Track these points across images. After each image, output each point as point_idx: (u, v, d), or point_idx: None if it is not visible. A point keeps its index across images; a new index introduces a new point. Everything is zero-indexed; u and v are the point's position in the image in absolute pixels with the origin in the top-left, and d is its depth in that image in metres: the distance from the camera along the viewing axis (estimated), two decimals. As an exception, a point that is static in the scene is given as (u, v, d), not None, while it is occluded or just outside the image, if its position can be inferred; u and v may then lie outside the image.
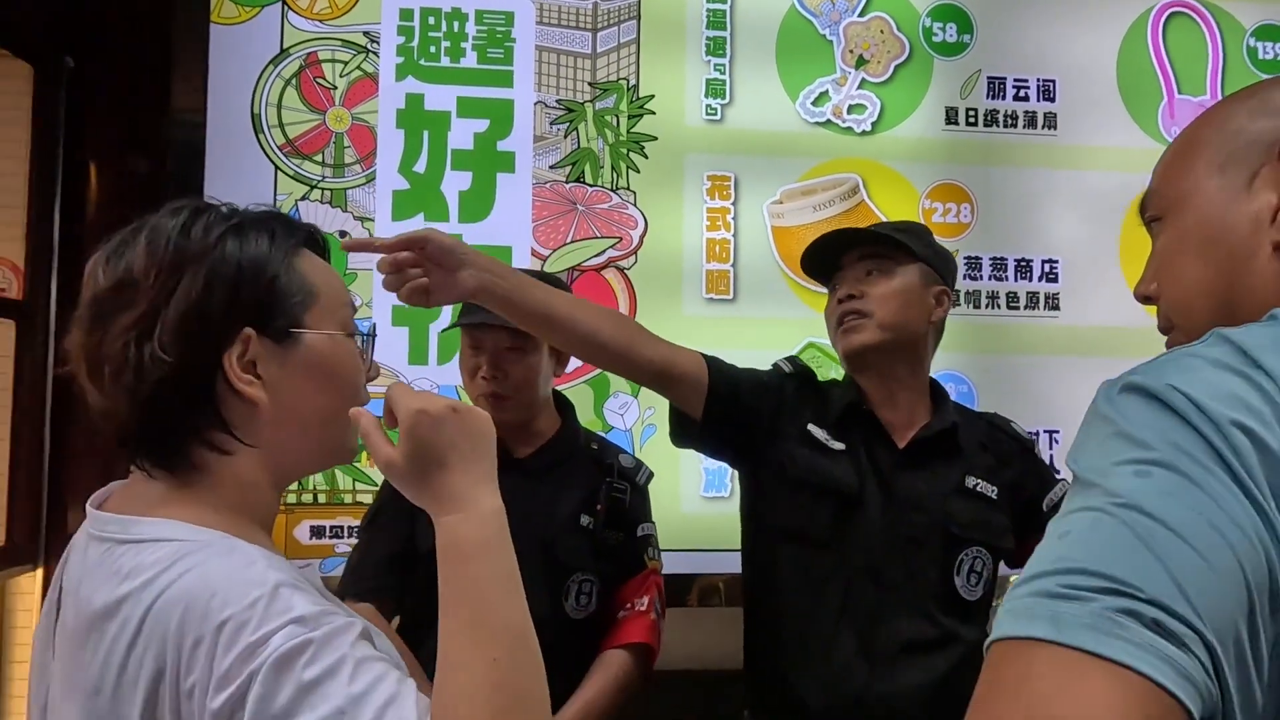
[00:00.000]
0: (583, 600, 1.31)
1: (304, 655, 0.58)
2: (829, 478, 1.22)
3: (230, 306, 0.69)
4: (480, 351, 1.32)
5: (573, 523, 1.33)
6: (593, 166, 2.31)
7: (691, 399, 1.22)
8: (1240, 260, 0.57)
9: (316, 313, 0.73)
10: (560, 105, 2.31)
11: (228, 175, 2.23)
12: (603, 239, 2.31)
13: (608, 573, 1.35)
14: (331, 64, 2.27)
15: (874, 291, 1.25)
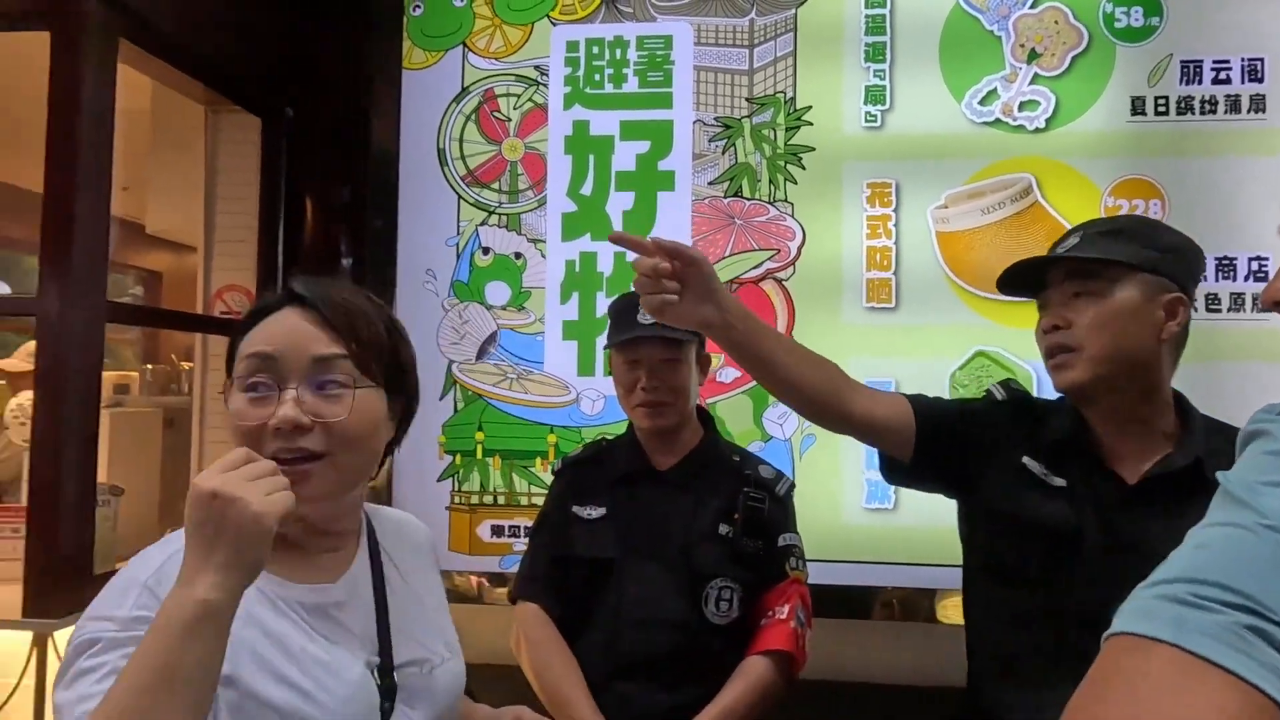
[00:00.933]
0: (723, 606, 1.34)
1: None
2: (1041, 516, 1.10)
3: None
4: (638, 365, 1.39)
5: (711, 531, 1.37)
6: (750, 180, 2.36)
7: (900, 446, 1.17)
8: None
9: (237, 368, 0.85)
10: (718, 122, 2.37)
11: (417, 205, 2.47)
12: (760, 251, 2.34)
13: (747, 580, 1.37)
14: (506, 98, 2.46)
15: (1082, 320, 1.09)
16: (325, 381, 0.83)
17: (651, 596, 1.33)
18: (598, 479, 1.44)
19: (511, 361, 2.41)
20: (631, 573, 1.34)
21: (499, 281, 2.43)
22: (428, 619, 0.95)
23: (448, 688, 0.91)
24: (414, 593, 0.96)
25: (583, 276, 2.40)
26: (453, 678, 0.93)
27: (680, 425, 1.43)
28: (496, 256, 2.44)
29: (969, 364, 2.25)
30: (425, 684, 0.88)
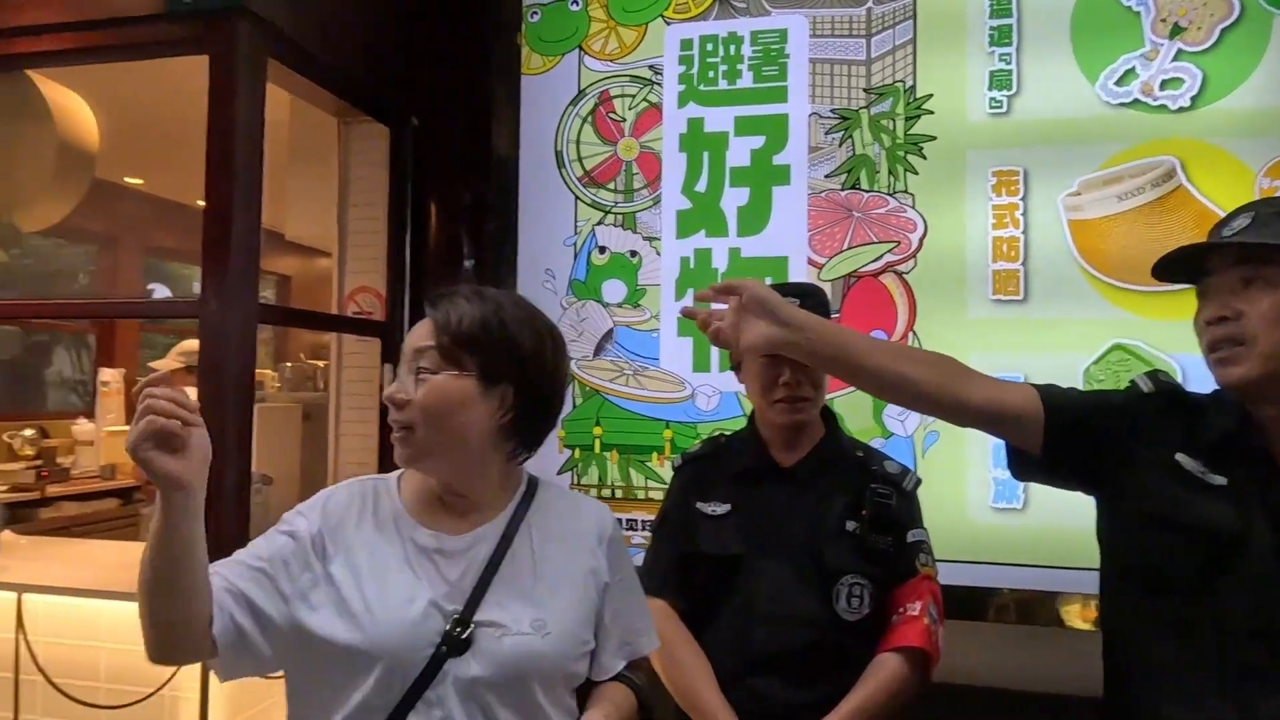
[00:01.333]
0: (854, 603, 1.33)
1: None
2: (1200, 517, 1.01)
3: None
4: (779, 362, 1.36)
5: (839, 527, 1.35)
6: (868, 172, 2.31)
7: (1028, 437, 1.09)
8: None
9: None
10: (835, 114, 2.34)
11: (536, 206, 2.54)
12: (880, 244, 2.30)
13: (878, 576, 1.35)
14: (621, 98, 2.50)
15: (1254, 310, 0.98)
16: (418, 368, 1.00)
17: (782, 592, 1.32)
18: (719, 475, 1.44)
19: (628, 358, 2.45)
20: (760, 569, 1.34)
21: (615, 279, 2.48)
22: (530, 593, 1.01)
23: (514, 658, 0.97)
24: (536, 567, 1.03)
25: (697, 273, 2.42)
26: (522, 652, 0.98)
27: (811, 422, 1.42)
28: (613, 255, 2.48)
29: (1105, 358, 2.15)
30: (493, 646, 0.97)
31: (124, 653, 2.08)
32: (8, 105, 2.27)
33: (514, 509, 1.06)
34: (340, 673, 0.96)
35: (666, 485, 2.44)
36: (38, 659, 2.10)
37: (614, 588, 1.10)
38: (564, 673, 1.03)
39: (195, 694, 2.03)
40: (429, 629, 0.96)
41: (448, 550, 1.01)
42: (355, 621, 0.96)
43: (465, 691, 0.96)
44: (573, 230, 2.52)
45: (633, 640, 1.12)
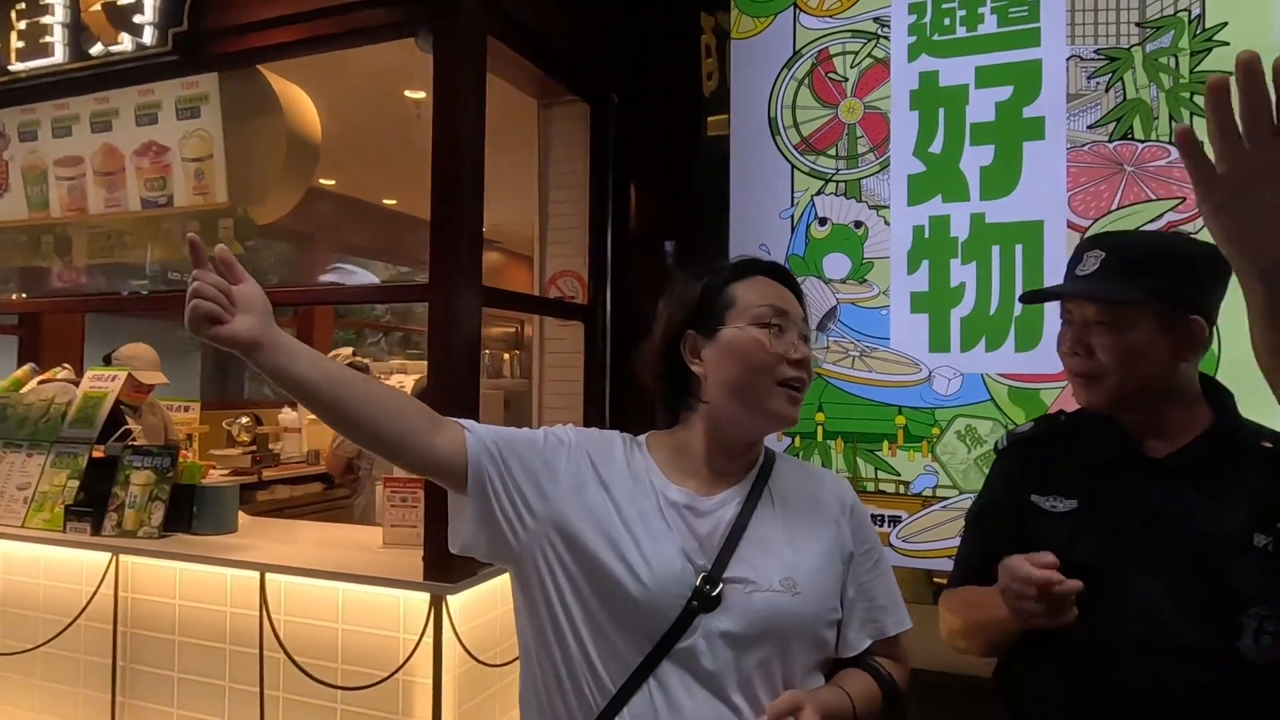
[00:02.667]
0: (1264, 640, 1.01)
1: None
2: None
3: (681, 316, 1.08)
4: (1069, 324, 1.14)
5: (1243, 541, 1.05)
6: (1144, 119, 2.01)
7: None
8: None
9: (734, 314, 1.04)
10: (1100, 55, 2.05)
11: (749, 178, 2.39)
12: (1159, 201, 1.99)
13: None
14: (842, 56, 2.30)
15: (1101, 349, 1.09)
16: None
17: (1160, 617, 1.04)
18: (1061, 461, 1.17)
19: (853, 338, 2.26)
20: (1127, 584, 1.06)
21: (838, 253, 2.29)
22: (776, 553, 1.01)
23: (764, 614, 0.97)
24: (781, 531, 1.04)
25: (933, 242, 2.19)
26: (773, 608, 0.98)
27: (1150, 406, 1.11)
28: (835, 227, 2.29)
29: None
30: (742, 600, 0.97)
31: (359, 635, 2.11)
32: (243, 101, 2.35)
33: (756, 475, 1.08)
34: (599, 604, 0.97)
35: (899, 477, 2.25)
36: (280, 637, 2.17)
37: (859, 559, 1.08)
38: (813, 635, 1.01)
39: (429, 679, 2.02)
40: (683, 581, 0.97)
41: (698, 508, 1.03)
42: (622, 555, 0.97)
43: (715, 645, 0.96)
44: (789, 202, 2.35)
45: (879, 618, 1.09)
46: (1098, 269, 1.11)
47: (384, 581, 2.03)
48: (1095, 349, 1.11)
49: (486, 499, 0.99)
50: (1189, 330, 1.08)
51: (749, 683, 0.96)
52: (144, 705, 2.37)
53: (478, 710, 2.15)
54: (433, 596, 2.01)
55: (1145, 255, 1.11)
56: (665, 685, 0.95)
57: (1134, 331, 1.09)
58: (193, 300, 0.89)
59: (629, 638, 0.96)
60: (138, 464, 2.48)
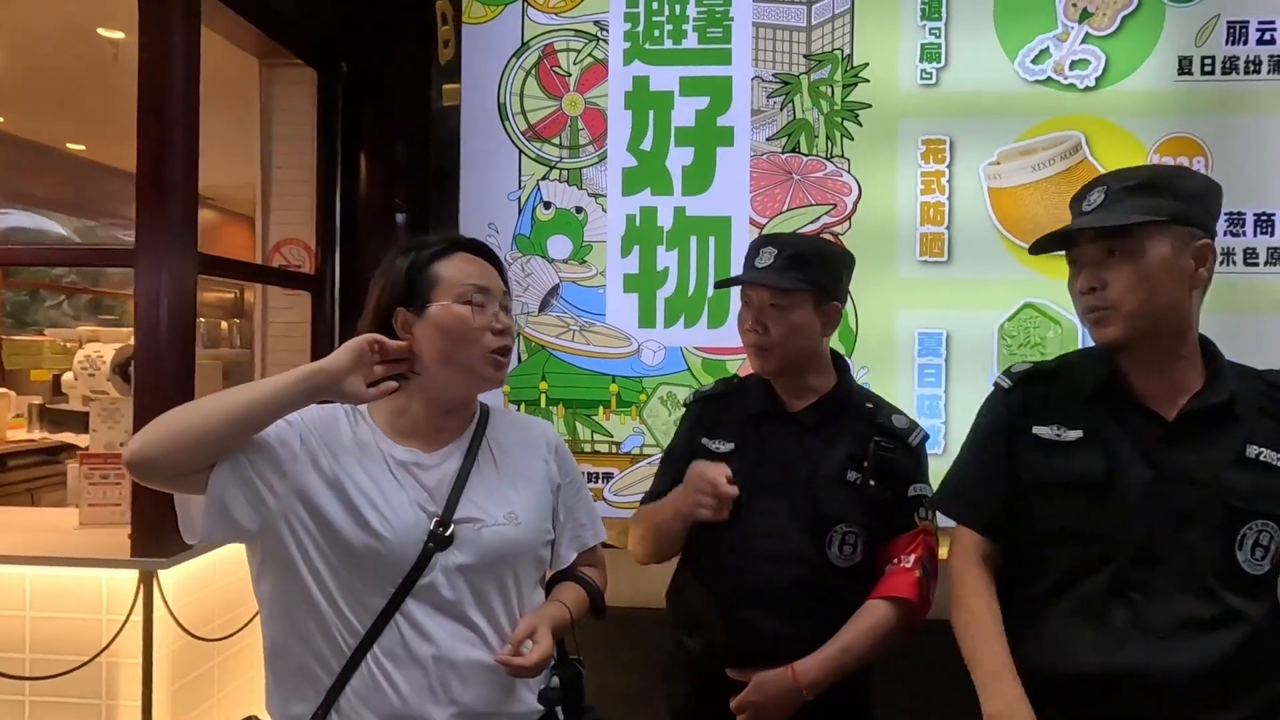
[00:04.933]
0: (846, 550, 1.39)
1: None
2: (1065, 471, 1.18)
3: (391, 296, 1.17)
4: (749, 306, 1.45)
5: (839, 476, 1.40)
6: (808, 136, 2.42)
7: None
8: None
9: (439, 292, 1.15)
10: (776, 79, 2.42)
11: (479, 159, 2.51)
12: (817, 206, 2.41)
13: (874, 526, 1.40)
14: (566, 53, 2.49)
15: (1117, 279, 1.13)
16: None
17: (778, 531, 1.39)
18: (728, 414, 1.49)
19: (574, 313, 2.48)
20: (760, 508, 1.39)
21: (561, 235, 2.49)
22: (498, 492, 1.18)
23: (493, 545, 1.14)
24: (499, 473, 1.21)
25: (643, 230, 2.46)
26: (500, 539, 1.15)
27: (799, 372, 1.45)
28: (558, 211, 2.49)
29: (1017, 315, 2.35)
30: (473, 537, 1.13)
31: (52, 621, 1.98)
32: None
33: (474, 429, 1.22)
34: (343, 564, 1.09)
35: (612, 438, 2.53)
36: (-50, 632, 1.97)
37: (565, 488, 1.29)
38: (534, 556, 1.21)
39: (137, 659, 1.95)
40: (418, 528, 1.11)
41: (424, 464, 1.16)
42: (361, 519, 1.09)
43: (453, 578, 1.11)
44: (517, 185, 2.50)
45: (581, 534, 1.31)
46: (772, 262, 1.42)
47: (85, 562, 1.93)
48: (769, 326, 1.41)
49: (226, 489, 1.04)
50: (831, 312, 1.45)
51: (486, 603, 1.13)
52: None
53: (193, 686, 2.11)
54: (142, 573, 1.94)
55: (806, 253, 1.45)
56: (411, 619, 1.09)
57: (798, 312, 1.42)
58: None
59: (374, 585, 1.09)
60: None
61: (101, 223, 6.21)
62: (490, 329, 1.16)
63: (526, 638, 1.12)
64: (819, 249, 1.52)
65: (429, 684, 1.08)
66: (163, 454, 1.00)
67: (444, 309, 1.15)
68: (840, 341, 2.34)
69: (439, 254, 1.19)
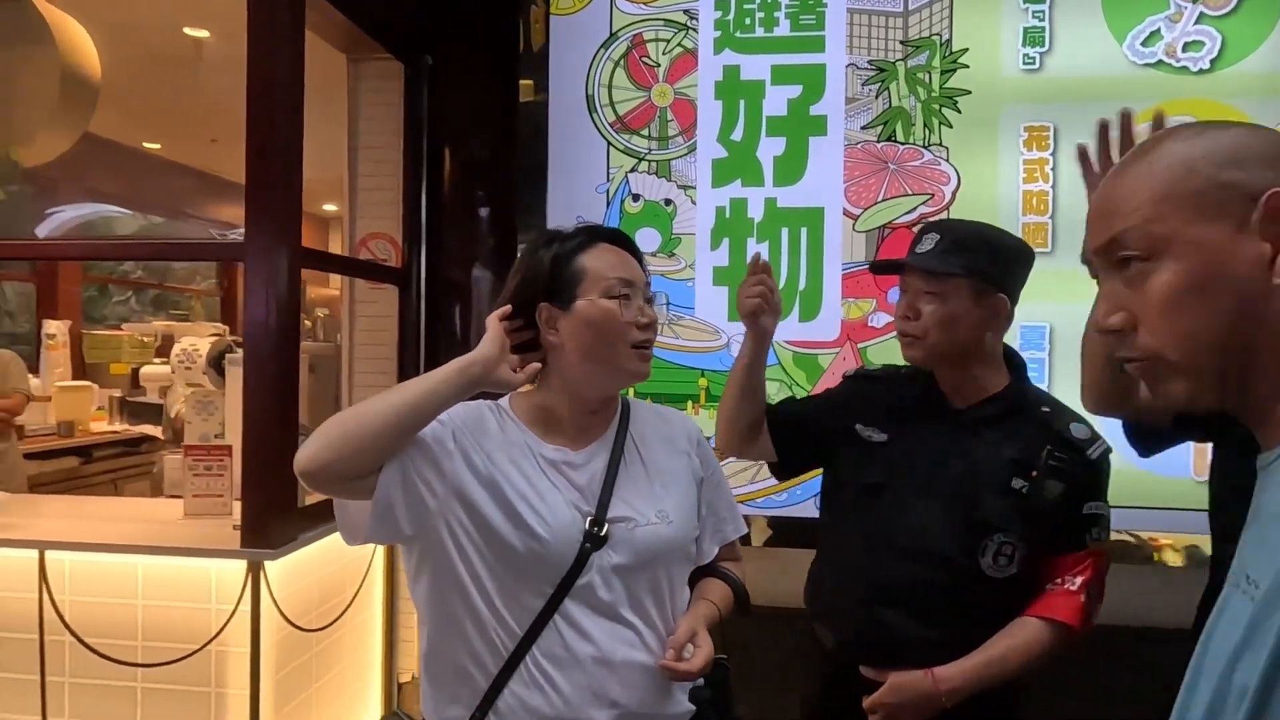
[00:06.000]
0: (1001, 561, 1.29)
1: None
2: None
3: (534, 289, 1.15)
4: (905, 293, 1.38)
5: (1003, 483, 1.31)
6: (904, 125, 2.36)
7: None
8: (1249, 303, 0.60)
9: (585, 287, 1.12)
10: (872, 66, 2.37)
11: (567, 153, 2.50)
12: (914, 196, 2.36)
13: (1035, 540, 1.30)
14: (655, 43, 2.46)
15: (926, 314, 1.33)
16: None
17: (925, 530, 1.31)
18: (885, 401, 1.42)
19: (662, 307, 2.46)
20: (905, 505, 1.33)
21: (649, 228, 2.47)
22: (648, 490, 1.17)
23: (647, 544, 1.13)
24: (646, 470, 1.19)
25: (733, 222, 2.43)
26: (654, 538, 1.14)
27: (945, 362, 1.36)
28: (647, 203, 2.47)
29: (1125, 308, 2.27)
30: (627, 537, 1.12)
31: (163, 610, 2.01)
32: (5, 29, 2.08)
33: (617, 424, 1.20)
34: (501, 565, 1.08)
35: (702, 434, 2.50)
36: (65, 617, 2.01)
37: (707, 482, 1.26)
38: (684, 553, 1.20)
39: (245, 648, 1.98)
40: (574, 528, 1.10)
41: (573, 462, 1.15)
42: (519, 519, 1.08)
43: (609, 578, 1.10)
44: (605, 177, 2.48)
45: (722, 528, 1.28)
46: (932, 248, 1.34)
47: (195, 552, 1.96)
48: (922, 312, 1.34)
49: (392, 491, 1.03)
50: (995, 304, 1.33)
51: (640, 602, 1.12)
52: (-116, 709, 2.09)
53: (293, 676, 2.13)
54: (250, 564, 1.96)
55: (967, 240, 1.35)
56: (570, 619, 1.07)
57: (952, 301, 1.33)
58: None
59: (532, 585, 1.08)
60: None
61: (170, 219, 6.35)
62: (636, 323, 1.13)
63: (687, 641, 1.10)
64: (985, 237, 1.39)
65: (589, 685, 1.07)
66: (335, 460, 0.99)
67: (591, 304, 1.11)
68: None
69: (582, 246, 1.15)
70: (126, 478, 4.21)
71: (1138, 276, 0.64)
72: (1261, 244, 0.60)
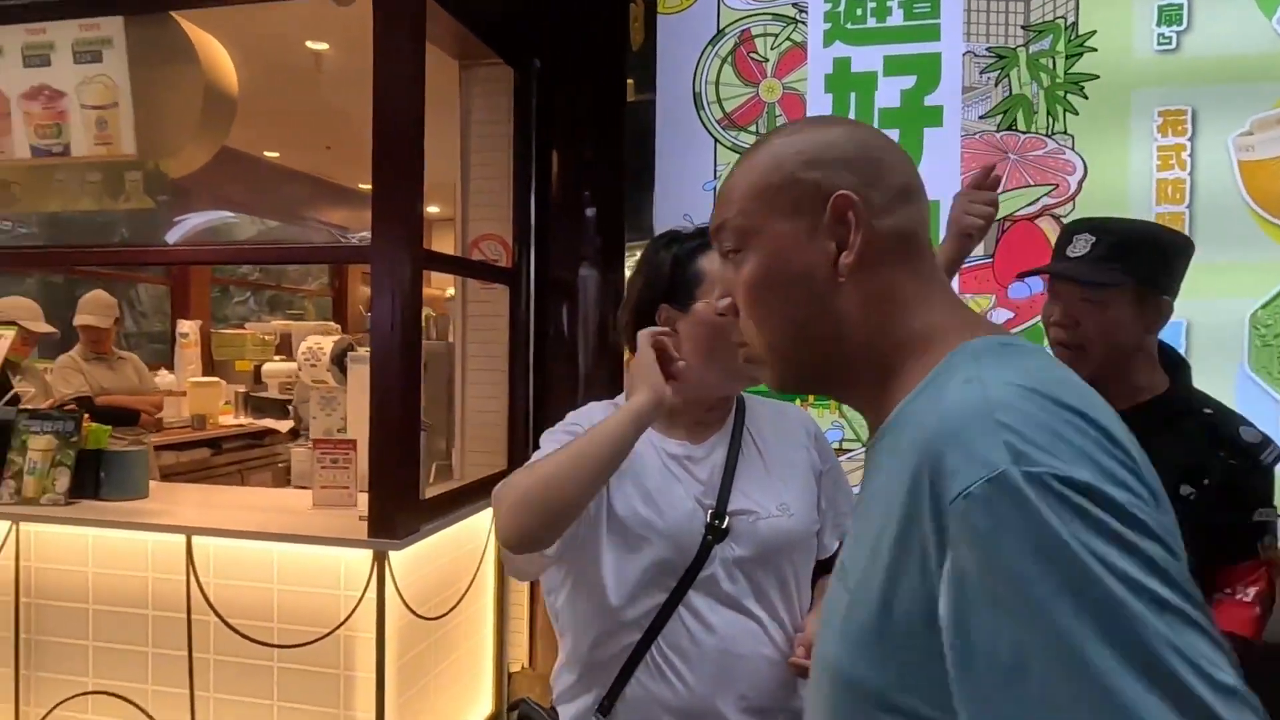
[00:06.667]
0: None
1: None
2: None
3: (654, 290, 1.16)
4: (1056, 299, 1.30)
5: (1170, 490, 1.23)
6: (1026, 113, 2.27)
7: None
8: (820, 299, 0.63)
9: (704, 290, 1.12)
10: (991, 53, 2.28)
11: (674, 152, 2.50)
12: (1037, 187, 2.26)
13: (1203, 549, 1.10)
14: (763, 38, 2.44)
15: (1087, 325, 1.25)
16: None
17: None
18: None
19: (770, 304, 2.44)
20: None
21: (755, 225, 2.45)
22: (767, 483, 1.17)
23: (769, 537, 1.13)
24: (765, 464, 1.19)
25: (843, 218, 2.38)
26: (776, 531, 1.14)
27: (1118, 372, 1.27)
28: (754, 200, 2.45)
29: (1273, 302, 2.12)
30: (749, 530, 1.13)
31: (296, 594, 2.13)
32: (156, 48, 2.23)
33: (734, 418, 1.21)
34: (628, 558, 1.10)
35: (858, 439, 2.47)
36: (209, 599, 2.15)
37: (826, 475, 1.24)
38: (805, 546, 1.19)
39: (371, 633, 2.07)
40: (696, 521, 1.12)
41: (694, 456, 1.16)
42: (646, 514, 1.11)
43: (731, 570, 1.11)
44: (712, 175, 2.48)
45: (841, 522, 1.26)
46: (1089, 251, 1.26)
47: (326, 541, 2.06)
48: (1081, 322, 1.26)
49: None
50: (1158, 306, 1.27)
51: (765, 595, 1.12)
52: (52, 676, 2.28)
53: (414, 662, 2.21)
54: (375, 554, 2.05)
55: (1128, 240, 1.27)
56: (694, 610, 1.09)
57: (1114, 308, 1.25)
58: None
59: (657, 578, 1.10)
60: (35, 429, 2.35)
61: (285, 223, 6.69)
62: None
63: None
64: (1146, 235, 1.32)
65: (715, 676, 1.08)
66: (542, 531, 1.02)
67: (708, 306, 1.11)
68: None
69: (701, 247, 1.16)
70: (251, 468, 4.46)
71: (736, 265, 0.67)
72: (829, 243, 0.62)
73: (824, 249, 0.62)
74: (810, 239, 0.63)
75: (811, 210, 0.63)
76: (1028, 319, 2.24)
